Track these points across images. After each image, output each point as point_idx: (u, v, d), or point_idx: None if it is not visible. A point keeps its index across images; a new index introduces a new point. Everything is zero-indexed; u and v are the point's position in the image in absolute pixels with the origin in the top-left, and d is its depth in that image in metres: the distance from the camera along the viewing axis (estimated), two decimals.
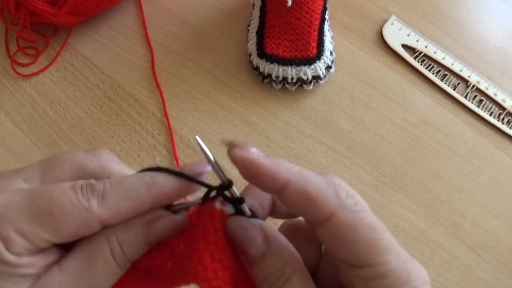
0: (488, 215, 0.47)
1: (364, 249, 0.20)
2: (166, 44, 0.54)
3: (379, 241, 0.20)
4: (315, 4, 0.49)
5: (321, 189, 0.20)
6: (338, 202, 0.20)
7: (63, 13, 0.50)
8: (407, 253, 0.21)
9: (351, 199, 0.21)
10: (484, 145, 0.50)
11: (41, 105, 0.51)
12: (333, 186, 0.21)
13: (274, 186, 0.21)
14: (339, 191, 0.21)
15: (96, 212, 0.21)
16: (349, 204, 0.20)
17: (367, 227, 0.20)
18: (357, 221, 0.20)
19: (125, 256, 0.22)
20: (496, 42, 0.56)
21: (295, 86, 0.50)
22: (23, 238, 0.20)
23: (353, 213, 0.20)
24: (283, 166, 0.21)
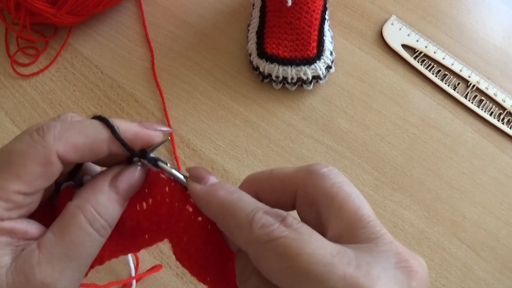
0: (488, 215, 0.47)
1: (278, 279, 0.19)
2: (166, 44, 0.54)
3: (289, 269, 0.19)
4: (315, 4, 0.49)
5: (238, 224, 0.21)
6: (249, 236, 0.20)
7: (63, 13, 0.50)
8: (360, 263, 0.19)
9: (265, 229, 0.20)
10: (484, 145, 0.50)
11: (41, 105, 0.51)
12: (250, 218, 0.21)
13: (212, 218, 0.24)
14: (255, 223, 0.20)
15: (53, 146, 0.21)
16: (259, 237, 0.20)
17: (275, 257, 0.19)
18: (265, 252, 0.19)
19: (103, 218, 0.22)
20: (496, 42, 0.56)
21: (295, 86, 0.50)
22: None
23: (262, 245, 0.20)
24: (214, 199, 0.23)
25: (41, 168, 0.21)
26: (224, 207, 0.22)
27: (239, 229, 0.21)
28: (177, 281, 0.42)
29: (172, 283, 0.42)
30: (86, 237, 0.22)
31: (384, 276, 0.18)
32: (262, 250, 0.20)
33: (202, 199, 0.23)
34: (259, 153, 0.48)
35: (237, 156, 0.48)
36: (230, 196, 0.22)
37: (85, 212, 0.22)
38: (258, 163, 0.48)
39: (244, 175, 0.47)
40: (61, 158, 0.22)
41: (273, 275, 0.19)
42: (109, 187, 0.23)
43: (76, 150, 0.22)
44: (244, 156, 0.48)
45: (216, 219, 0.23)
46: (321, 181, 0.22)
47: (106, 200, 0.23)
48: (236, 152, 0.48)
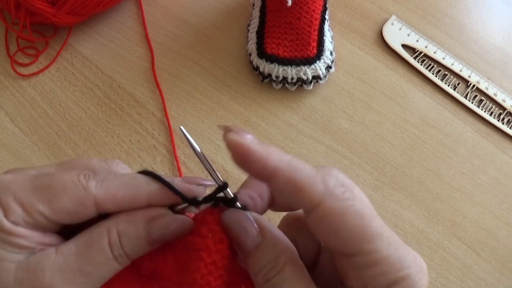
0: (488, 215, 0.47)
1: (352, 236, 0.20)
2: (166, 44, 0.54)
3: (367, 228, 0.20)
4: (315, 4, 0.49)
5: (309, 178, 0.20)
6: (326, 190, 0.20)
7: (63, 13, 0.50)
8: (402, 241, 0.21)
9: (340, 188, 0.20)
10: (484, 145, 0.50)
11: (41, 105, 0.51)
12: (322, 175, 0.21)
13: (263, 173, 0.21)
14: (328, 180, 0.20)
15: (93, 192, 0.22)
16: (337, 193, 0.20)
17: (354, 214, 0.20)
18: (344, 208, 0.20)
19: (123, 249, 0.22)
20: (496, 42, 0.56)
21: (295, 86, 0.50)
22: (21, 207, 0.21)
23: (340, 201, 0.20)
24: (274, 154, 0.21)
25: (73, 206, 0.22)
26: (289, 161, 0.21)
27: (312, 182, 0.20)
28: None
29: None
30: (104, 260, 0.22)
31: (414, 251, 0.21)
32: (342, 205, 0.20)
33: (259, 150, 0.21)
34: None
35: None
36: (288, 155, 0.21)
37: (110, 235, 0.22)
38: None
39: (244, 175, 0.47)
40: (98, 205, 0.22)
41: (345, 231, 0.20)
42: (144, 224, 0.23)
43: (114, 201, 0.22)
44: None
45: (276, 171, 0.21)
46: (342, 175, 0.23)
47: (134, 235, 0.22)
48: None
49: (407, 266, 0.20)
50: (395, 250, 0.20)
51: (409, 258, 0.20)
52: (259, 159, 0.21)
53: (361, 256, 0.20)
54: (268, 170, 0.21)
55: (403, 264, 0.20)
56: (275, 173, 0.21)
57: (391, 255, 0.20)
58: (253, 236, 0.22)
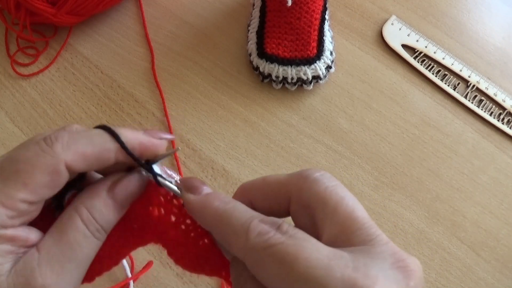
0: (488, 215, 0.47)
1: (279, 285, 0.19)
2: (166, 44, 0.54)
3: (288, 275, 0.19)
4: (315, 4, 0.49)
5: (234, 233, 0.21)
6: (246, 244, 0.20)
7: (63, 13, 0.50)
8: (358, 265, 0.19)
9: (261, 237, 0.20)
10: (484, 145, 0.50)
11: (41, 105, 0.51)
12: (247, 226, 0.21)
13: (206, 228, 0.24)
14: (251, 231, 0.20)
15: (61, 155, 0.21)
16: (256, 244, 0.20)
17: (273, 263, 0.19)
18: (263, 259, 0.20)
19: (97, 223, 0.23)
20: (496, 42, 0.56)
21: (295, 86, 0.50)
22: (1, 206, 0.20)
23: (259, 251, 0.20)
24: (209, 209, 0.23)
25: (48, 177, 0.21)
26: (219, 217, 0.22)
27: (235, 238, 0.21)
28: (177, 281, 0.42)
29: (172, 283, 0.42)
30: (83, 238, 0.22)
31: (382, 276, 0.18)
32: (260, 257, 0.20)
33: (196, 209, 0.23)
34: (259, 153, 0.48)
35: (237, 156, 0.48)
36: (225, 206, 0.22)
37: (81, 215, 0.22)
38: (258, 163, 0.48)
39: (244, 175, 0.47)
40: (69, 168, 0.22)
41: (271, 281, 0.20)
42: (107, 193, 0.23)
43: (84, 159, 0.22)
44: (244, 156, 0.48)
45: (211, 229, 0.23)
46: (315, 186, 0.22)
47: (102, 205, 0.23)
48: (236, 152, 0.48)
49: None
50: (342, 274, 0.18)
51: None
52: (198, 218, 0.23)
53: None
54: (206, 227, 0.23)
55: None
56: (211, 230, 0.23)
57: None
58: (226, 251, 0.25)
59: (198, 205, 0.23)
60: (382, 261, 0.19)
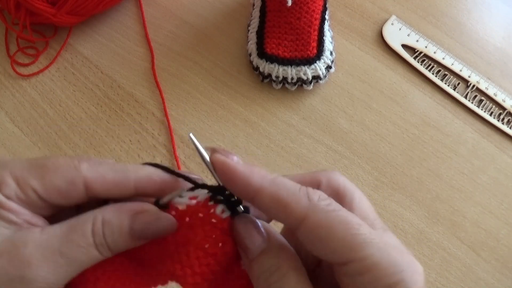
0: (488, 215, 0.47)
1: (340, 246, 0.20)
2: (166, 44, 0.54)
3: (354, 236, 0.20)
4: (315, 4, 0.49)
5: (292, 194, 0.21)
6: (310, 204, 0.21)
7: (63, 13, 0.50)
8: (397, 244, 0.21)
9: (323, 201, 0.21)
10: (484, 145, 0.50)
11: (41, 105, 0.51)
12: (305, 190, 0.21)
13: (247, 191, 0.22)
14: (311, 194, 0.21)
15: (83, 172, 0.23)
16: (321, 205, 0.21)
17: (340, 224, 0.20)
18: (330, 219, 0.20)
19: (104, 239, 0.23)
20: (496, 42, 0.56)
21: (295, 86, 0.50)
22: (15, 182, 0.22)
23: (325, 213, 0.21)
24: (257, 174, 0.22)
25: (64, 184, 0.23)
26: (272, 180, 0.22)
27: (295, 198, 0.21)
28: None
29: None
30: (85, 245, 0.22)
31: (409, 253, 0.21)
32: (327, 218, 0.21)
33: (243, 171, 0.22)
34: (259, 153, 0.48)
35: None
36: (273, 175, 0.22)
37: (94, 223, 0.23)
38: (258, 163, 0.48)
39: None
40: (87, 185, 0.23)
41: (333, 243, 0.20)
42: (129, 217, 0.23)
43: (103, 182, 0.23)
44: (244, 156, 0.48)
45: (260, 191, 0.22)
46: (343, 178, 0.24)
47: (117, 226, 0.23)
48: (236, 152, 0.48)
49: (400, 270, 0.20)
50: (387, 255, 0.20)
51: (403, 261, 0.20)
52: (243, 179, 0.22)
53: (352, 264, 0.20)
54: (252, 188, 0.22)
55: (396, 268, 0.20)
56: (259, 191, 0.22)
57: (382, 261, 0.20)
58: (259, 241, 0.23)
59: (245, 168, 0.22)
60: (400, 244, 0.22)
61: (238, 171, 0.22)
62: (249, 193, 0.22)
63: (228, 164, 0.22)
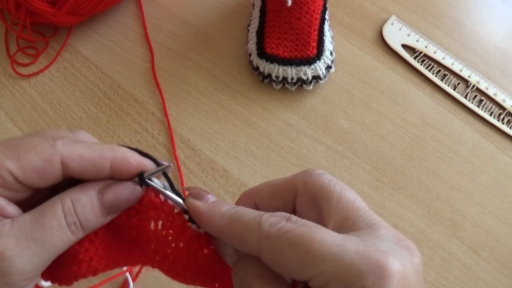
0: (488, 215, 0.47)
1: (296, 267, 0.20)
2: (166, 44, 0.54)
3: (306, 255, 0.20)
4: (315, 4, 0.49)
5: (246, 228, 0.22)
6: (260, 234, 0.21)
7: (63, 13, 0.50)
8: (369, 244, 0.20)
9: (274, 226, 0.21)
10: (484, 145, 0.50)
11: (41, 105, 0.51)
12: (258, 220, 0.22)
13: (212, 231, 0.24)
14: (263, 223, 0.21)
15: (59, 148, 0.23)
16: (270, 232, 0.21)
17: (290, 246, 0.20)
18: (279, 245, 0.21)
19: (77, 217, 0.23)
20: (496, 42, 0.56)
21: (295, 86, 0.50)
22: None
23: (274, 239, 0.21)
24: (218, 214, 0.23)
25: (41, 163, 0.22)
26: (229, 218, 0.23)
27: (247, 232, 0.22)
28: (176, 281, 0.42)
29: (172, 283, 0.42)
30: (57, 227, 0.22)
31: (392, 250, 0.20)
32: (276, 243, 0.21)
33: (204, 214, 0.24)
34: (259, 153, 0.48)
35: (237, 156, 0.48)
36: (234, 209, 0.23)
37: (63, 203, 0.23)
38: (258, 163, 0.48)
39: (244, 175, 0.47)
40: (64, 164, 0.23)
41: (289, 266, 0.20)
42: (96, 193, 0.23)
43: (80, 160, 0.23)
44: (244, 156, 0.48)
45: (220, 231, 0.23)
46: (319, 178, 0.24)
47: (87, 202, 0.23)
48: (236, 152, 0.48)
49: (360, 278, 0.19)
50: (344, 264, 0.19)
51: (364, 267, 0.19)
52: (206, 221, 0.23)
53: (313, 279, 0.20)
54: (214, 229, 0.23)
55: (354, 278, 0.19)
56: (220, 230, 0.23)
57: (339, 271, 0.19)
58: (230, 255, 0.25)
59: (207, 210, 0.23)
60: (387, 240, 0.21)
61: (202, 214, 0.23)
62: (213, 232, 0.24)
63: (194, 208, 0.24)
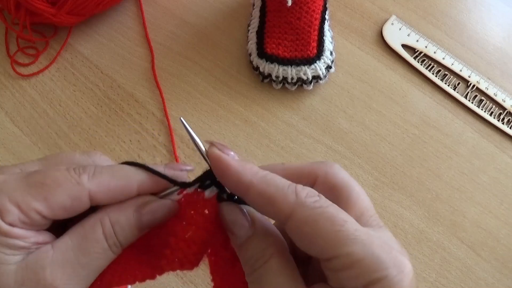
0: (488, 215, 0.47)
1: (325, 242, 0.20)
2: (166, 44, 0.54)
3: (338, 232, 0.20)
4: (315, 4, 0.49)
5: (281, 190, 0.22)
6: (296, 201, 0.21)
7: (63, 13, 0.50)
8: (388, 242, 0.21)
9: (311, 198, 0.22)
10: (484, 145, 0.50)
11: (41, 105, 0.51)
12: (294, 187, 0.22)
13: (238, 187, 0.23)
14: (299, 191, 0.22)
15: (86, 185, 0.22)
16: (307, 202, 0.21)
17: (325, 220, 0.21)
18: (315, 216, 0.21)
19: (117, 238, 0.23)
20: (496, 42, 0.56)
21: (295, 86, 0.50)
22: (17, 208, 0.21)
23: (311, 209, 0.21)
24: (249, 170, 0.23)
25: (69, 201, 0.22)
26: (263, 176, 0.22)
27: (282, 195, 0.21)
28: (177, 281, 0.42)
29: (172, 283, 0.42)
30: (100, 250, 0.23)
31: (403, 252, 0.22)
32: (311, 214, 0.21)
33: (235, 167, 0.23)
34: (259, 153, 0.48)
35: None
36: (266, 171, 0.23)
37: (103, 226, 0.23)
38: (258, 163, 0.48)
39: None
40: (92, 198, 0.23)
41: (317, 239, 0.21)
42: (134, 211, 0.24)
43: (108, 192, 0.23)
44: (244, 156, 0.48)
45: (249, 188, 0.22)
46: (342, 172, 0.24)
47: (126, 223, 0.23)
48: (236, 152, 0.48)
49: (384, 267, 0.20)
50: (371, 252, 0.20)
51: (388, 259, 0.20)
52: (235, 174, 0.22)
53: (336, 260, 0.20)
54: (242, 184, 0.22)
55: (379, 266, 0.20)
56: (249, 187, 0.22)
57: (366, 257, 0.20)
58: (245, 228, 0.23)
59: (237, 165, 0.23)
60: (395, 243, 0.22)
61: (231, 167, 0.23)
62: (240, 188, 0.23)
63: (222, 159, 0.23)
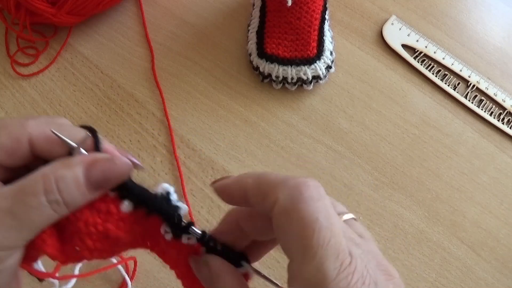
0: (488, 215, 0.47)
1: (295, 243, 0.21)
2: (166, 44, 0.54)
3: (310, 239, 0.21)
4: (315, 4, 0.49)
5: (274, 181, 0.22)
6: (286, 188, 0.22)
7: (63, 13, 0.50)
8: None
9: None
10: (484, 145, 0.50)
11: (41, 105, 0.51)
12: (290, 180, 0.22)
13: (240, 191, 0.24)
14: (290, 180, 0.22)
15: (29, 128, 0.23)
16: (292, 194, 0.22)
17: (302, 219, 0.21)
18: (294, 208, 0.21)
19: (60, 195, 0.22)
20: (496, 42, 0.56)
21: (295, 86, 0.50)
22: None
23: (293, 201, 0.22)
24: (243, 176, 0.24)
25: (9, 141, 0.23)
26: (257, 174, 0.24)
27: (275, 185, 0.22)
28: (177, 281, 0.42)
29: (172, 283, 0.42)
30: (36, 205, 0.21)
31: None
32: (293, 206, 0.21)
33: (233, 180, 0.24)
34: (259, 153, 0.48)
35: (237, 156, 0.48)
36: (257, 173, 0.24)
37: (46, 181, 0.21)
38: (258, 163, 0.48)
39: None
40: (31, 142, 0.23)
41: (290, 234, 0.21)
42: (83, 167, 0.22)
43: (47, 139, 0.23)
44: (244, 156, 0.48)
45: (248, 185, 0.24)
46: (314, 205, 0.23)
47: (72, 179, 0.22)
48: (236, 152, 0.48)
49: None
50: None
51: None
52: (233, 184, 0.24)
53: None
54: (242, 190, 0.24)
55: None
56: (247, 188, 0.23)
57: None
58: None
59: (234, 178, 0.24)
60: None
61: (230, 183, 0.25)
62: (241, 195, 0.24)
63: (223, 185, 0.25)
